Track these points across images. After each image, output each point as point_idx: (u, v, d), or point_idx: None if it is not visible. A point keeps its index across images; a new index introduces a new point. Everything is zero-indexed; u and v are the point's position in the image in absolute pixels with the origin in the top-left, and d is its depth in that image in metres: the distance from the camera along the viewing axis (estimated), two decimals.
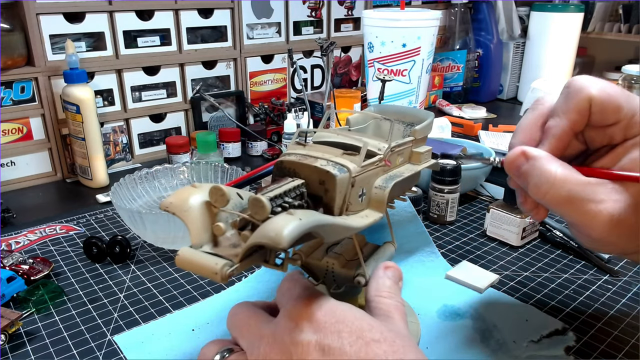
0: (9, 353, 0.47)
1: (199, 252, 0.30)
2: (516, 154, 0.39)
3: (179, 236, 0.60)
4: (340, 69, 1.31)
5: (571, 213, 0.38)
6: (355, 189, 0.36)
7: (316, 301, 0.34)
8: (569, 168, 0.38)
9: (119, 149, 0.95)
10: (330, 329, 0.32)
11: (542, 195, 0.38)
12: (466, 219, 0.74)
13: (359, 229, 0.35)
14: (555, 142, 0.40)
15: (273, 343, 0.32)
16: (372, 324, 0.33)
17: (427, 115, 0.47)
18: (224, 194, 0.32)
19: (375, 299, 0.38)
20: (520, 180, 0.40)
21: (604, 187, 0.37)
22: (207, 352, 0.37)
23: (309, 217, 0.29)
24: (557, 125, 0.40)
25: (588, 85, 0.38)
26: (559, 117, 0.40)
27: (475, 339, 0.48)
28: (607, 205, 0.36)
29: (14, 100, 0.82)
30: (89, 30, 0.88)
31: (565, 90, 0.40)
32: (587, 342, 0.48)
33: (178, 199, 0.33)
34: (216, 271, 0.28)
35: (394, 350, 0.31)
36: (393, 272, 0.41)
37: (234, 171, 0.74)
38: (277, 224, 0.27)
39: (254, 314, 0.36)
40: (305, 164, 0.36)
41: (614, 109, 0.37)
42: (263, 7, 1.09)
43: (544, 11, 1.27)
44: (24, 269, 0.57)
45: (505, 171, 0.41)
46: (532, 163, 0.38)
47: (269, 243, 0.27)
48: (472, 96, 1.44)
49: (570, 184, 0.37)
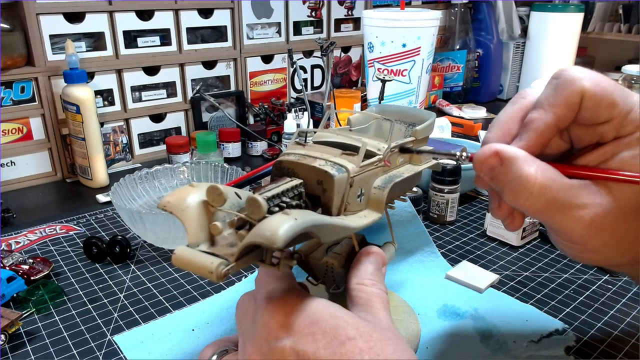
0: (9, 353, 0.47)
1: (195, 251, 0.30)
2: (488, 154, 0.34)
3: (179, 236, 0.60)
4: (340, 69, 1.31)
5: (551, 219, 0.35)
6: (353, 189, 0.36)
7: (290, 301, 0.32)
8: (550, 169, 0.34)
9: (119, 149, 0.95)
10: (303, 331, 0.31)
11: (520, 202, 0.34)
12: (466, 219, 0.74)
13: (357, 229, 0.35)
14: (536, 138, 0.35)
15: (254, 347, 0.32)
16: (348, 320, 0.31)
17: (428, 116, 0.47)
18: (221, 193, 0.32)
19: (356, 287, 0.36)
20: (494, 183, 0.35)
21: (587, 189, 0.33)
22: (204, 354, 0.37)
23: (304, 217, 0.29)
24: (541, 119, 0.35)
25: (581, 77, 0.33)
26: (543, 110, 0.35)
27: (475, 339, 0.48)
28: (589, 211, 0.33)
29: (14, 100, 0.82)
30: (89, 30, 0.88)
31: (554, 81, 0.35)
32: (587, 342, 0.48)
33: (175, 198, 0.33)
34: (211, 270, 0.28)
35: (370, 346, 0.30)
36: (375, 257, 0.38)
37: (234, 171, 0.74)
38: (272, 224, 0.27)
39: (249, 309, 0.35)
40: (304, 164, 0.36)
41: (608, 105, 0.33)
42: (263, 7, 1.09)
43: (544, 11, 1.27)
44: (24, 269, 0.57)
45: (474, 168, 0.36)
46: (508, 166, 0.34)
47: (264, 243, 0.27)
48: (472, 96, 1.44)
49: (551, 191, 0.33)
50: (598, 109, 0.33)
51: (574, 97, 0.34)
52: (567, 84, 0.34)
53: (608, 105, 0.33)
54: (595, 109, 0.33)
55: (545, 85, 0.36)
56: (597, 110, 0.33)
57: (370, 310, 0.34)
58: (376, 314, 0.34)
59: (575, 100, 0.34)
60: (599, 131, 0.34)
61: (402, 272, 0.58)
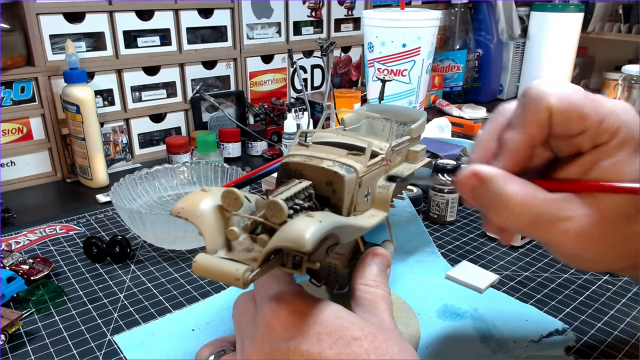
0: (9, 353, 0.47)
1: (216, 258, 0.30)
2: (467, 175, 0.35)
3: (179, 236, 0.60)
4: (340, 69, 1.31)
5: (539, 234, 0.35)
6: (361, 189, 0.36)
7: (292, 301, 0.32)
8: (530, 186, 0.34)
9: (119, 149, 0.95)
10: (308, 332, 0.30)
11: (503, 221, 0.34)
12: (466, 219, 0.74)
13: (369, 229, 0.35)
14: (512, 158, 0.35)
15: (254, 347, 0.32)
16: (353, 320, 0.32)
17: (420, 114, 0.47)
18: (237, 197, 0.31)
19: (360, 287, 0.36)
20: (477, 203, 0.36)
21: (570, 202, 0.33)
22: (201, 354, 0.37)
23: (327, 219, 0.28)
24: (512, 140, 0.35)
25: (546, 93, 0.33)
26: (515, 130, 0.35)
27: (475, 339, 0.48)
28: (574, 223, 0.33)
29: (14, 100, 0.82)
30: (89, 30, 0.88)
31: (522, 100, 0.35)
32: (587, 342, 0.48)
33: (189, 204, 0.32)
34: (238, 277, 0.28)
35: (375, 346, 0.30)
36: (381, 259, 0.38)
37: (234, 171, 0.74)
38: (298, 227, 0.27)
39: (247, 310, 0.35)
40: (312, 165, 0.35)
41: (577, 118, 0.33)
42: (263, 7, 1.09)
43: (544, 11, 1.27)
44: (24, 269, 0.57)
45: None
46: (487, 186, 0.34)
47: (292, 246, 0.27)
48: (472, 96, 1.44)
49: (533, 207, 0.33)
50: (568, 123, 0.33)
51: (542, 115, 0.34)
52: (534, 102, 0.34)
53: (578, 118, 0.33)
54: (565, 123, 0.33)
55: (517, 103, 0.36)
56: (567, 124, 0.33)
57: (374, 311, 0.35)
58: (380, 314, 0.34)
59: (543, 117, 0.34)
60: (576, 142, 0.34)
61: (402, 272, 0.58)
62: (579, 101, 0.33)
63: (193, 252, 0.64)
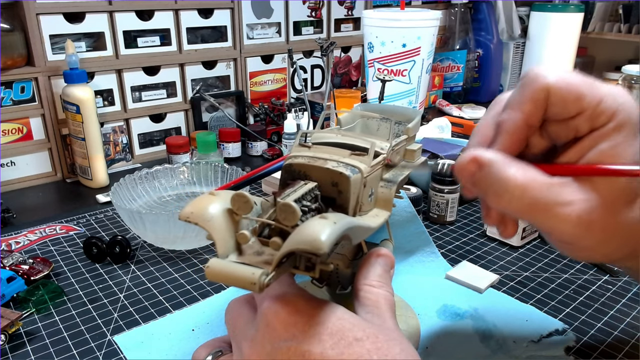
0: (9, 353, 0.47)
1: (229, 262, 0.29)
2: (466, 161, 0.35)
3: (179, 236, 0.60)
4: (340, 69, 1.31)
5: (538, 219, 0.34)
6: (366, 189, 0.36)
7: (293, 302, 0.32)
8: (530, 168, 0.34)
9: (119, 149, 0.95)
10: (309, 332, 0.30)
11: (504, 205, 0.34)
12: (466, 219, 0.74)
13: (376, 229, 0.35)
14: (509, 138, 0.35)
15: (254, 347, 0.32)
16: (354, 322, 0.31)
17: (414, 113, 0.47)
18: (247, 200, 0.31)
19: (364, 288, 0.36)
20: (476, 189, 0.35)
21: (570, 186, 0.33)
22: (198, 354, 0.37)
23: (341, 221, 0.28)
24: (510, 119, 0.35)
25: (544, 74, 0.34)
26: (511, 110, 0.35)
27: (475, 339, 0.48)
28: (575, 207, 0.32)
29: (14, 100, 0.82)
30: (89, 30, 0.88)
31: (520, 81, 0.35)
32: (587, 342, 0.48)
33: (198, 208, 0.31)
34: (254, 281, 0.28)
35: (377, 347, 0.30)
36: (385, 259, 0.38)
37: (234, 171, 0.74)
38: (313, 229, 0.27)
39: (241, 314, 0.35)
40: (317, 166, 0.35)
41: (575, 97, 0.33)
42: (263, 7, 1.09)
43: (544, 11, 1.27)
44: (24, 269, 0.57)
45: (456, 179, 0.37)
46: (487, 170, 0.34)
47: (308, 249, 0.26)
48: (472, 96, 1.44)
49: (533, 189, 0.33)
50: (565, 103, 0.33)
51: (539, 93, 0.34)
52: (532, 81, 0.34)
53: (575, 98, 0.33)
54: (562, 103, 0.34)
55: (515, 88, 0.36)
56: (564, 104, 0.34)
57: (376, 312, 0.35)
58: (382, 315, 0.34)
59: (540, 96, 0.34)
60: (573, 125, 0.34)
61: (402, 272, 0.58)
62: (576, 82, 0.33)
63: (193, 252, 0.64)
